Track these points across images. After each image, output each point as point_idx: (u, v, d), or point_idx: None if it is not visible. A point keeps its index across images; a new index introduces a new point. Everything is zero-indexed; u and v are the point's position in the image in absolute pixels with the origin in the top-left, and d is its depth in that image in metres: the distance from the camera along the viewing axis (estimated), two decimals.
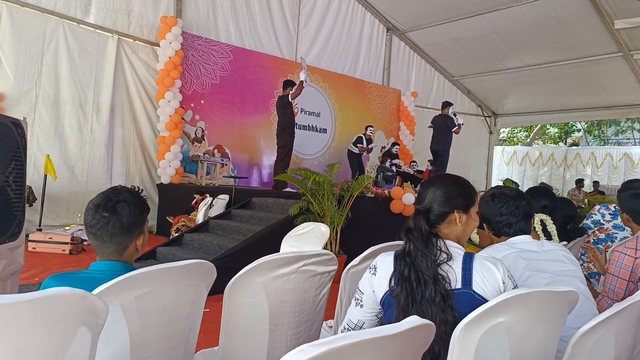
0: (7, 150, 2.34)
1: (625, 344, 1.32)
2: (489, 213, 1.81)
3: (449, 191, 1.41)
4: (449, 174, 1.54)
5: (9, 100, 6.77)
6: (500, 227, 1.78)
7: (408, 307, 1.27)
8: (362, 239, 5.50)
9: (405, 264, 1.31)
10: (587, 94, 12.31)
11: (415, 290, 1.27)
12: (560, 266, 1.68)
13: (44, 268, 5.05)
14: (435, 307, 1.24)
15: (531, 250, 1.70)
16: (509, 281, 1.30)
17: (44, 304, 0.83)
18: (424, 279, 1.27)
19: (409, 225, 1.36)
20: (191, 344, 1.42)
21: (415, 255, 1.30)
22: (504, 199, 1.78)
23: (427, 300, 1.25)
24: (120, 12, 7.90)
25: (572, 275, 1.67)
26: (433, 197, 1.41)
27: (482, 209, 1.82)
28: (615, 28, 9.41)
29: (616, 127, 22.74)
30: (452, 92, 13.93)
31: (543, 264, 1.67)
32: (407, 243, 1.34)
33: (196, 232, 5.76)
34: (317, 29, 10.99)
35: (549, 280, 1.60)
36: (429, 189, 1.43)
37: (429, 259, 1.28)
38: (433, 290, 1.25)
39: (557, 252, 1.73)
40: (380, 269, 1.39)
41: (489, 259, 1.33)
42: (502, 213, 1.77)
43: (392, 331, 0.75)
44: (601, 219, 3.38)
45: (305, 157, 10.61)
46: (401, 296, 1.28)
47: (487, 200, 1.83)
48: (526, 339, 1.17)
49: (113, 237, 1.35)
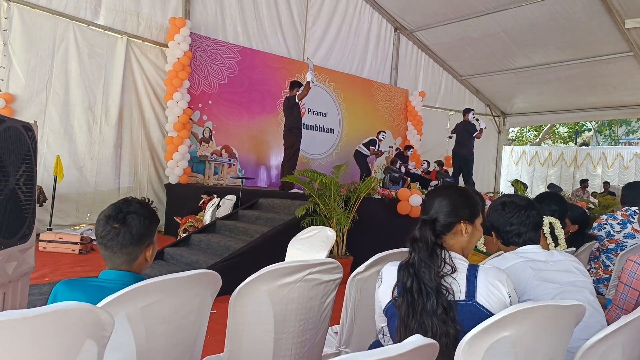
0: (18, 153, 2.36)
1: (633, 356, 1.31)
2: (498, 222, 1.78)
3: (455, 201, 1.42)
4: (454, 184, 1.56)
5: (20, 102, 6.84)
6: (510, 237, 1.76)
7: (408, 318, 1.27)
8: (369, 240, 5.50)
9: (408, 275, 1.31)
10: (597, 93, 12.20)
11: (416, 301, 1.27)
12: (569, 277, 1.66)
13: (54, 268, 5.10)
14: (437, 319, 1.24)
15: (540, 260, 1.68)
16: (514, 294, 1.30)
17: (49, 319, 0.84)
18: (426, 290, 1.27)
19: (414, 235, 1.36)
20: (197, 352, 1.43)
21: (419, 266, 1.30)
22: (514, 209, 1.75)
23: (428, 312, 1.25)
24: (129, 14, 7.95)
25: (582, 286, 1.65)
26: (439, 208, 1.41)
27: (492, 217, 1.80)
28: (626, 27, 9.30)
29: (627, 127, 22.50)
30: (461, 92, 13.87)
31: (552, 274, 1.64)
32: (412, 253, 1.34)
33: (203, 232, 5.79)
34: (324, 29, 10.98)
35: (557, 291, 1.58)
36: (435, 199, 1.44)
37: (432, 271, 1.29)
38: (435, 302, 1.25)
39: (567, 263, 1.71)
40: (385, 279, 1.41)
41: (494, 271, 1.33)
42: (512, 222, 1.74)
43: (395, 352, 0.75)
44: (611, 230, 3.35)
45: (313, 157, 10.62)
46: (402, 307, 1.29)
47: (497, 209, 1.80)
48: (532, 352, 1.16)
49: (123, 248, 1.37)
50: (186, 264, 4.99)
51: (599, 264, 3.34)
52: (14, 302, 2.44)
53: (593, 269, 3.34)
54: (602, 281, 3.27)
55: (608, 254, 3.31)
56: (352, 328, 1.88)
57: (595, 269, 3.34)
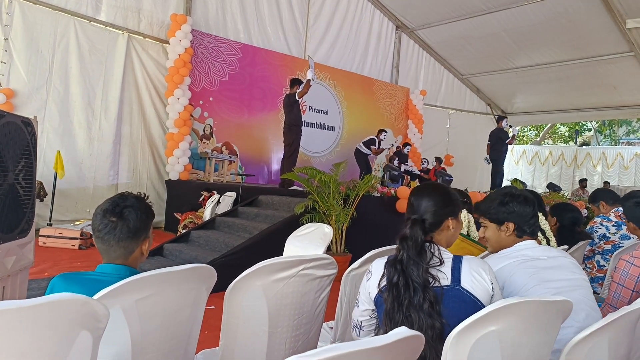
0: (17, 148, 2.39)
1: (619, 353, 1.33)
2: (524, 213, 1.75)
3: (442, 200, 1.51)
4: (436, 183, 1.62)
5: (21, 97, 6.86)
6: (534, 229, 1.77)
7: (394, 311, 1.33)
8: (368, 238, 5.52)
9: (395, 271, 1.37)
10: (597, 93, 12.20)
11: (402, 295, 1.33)
12: (567, 274, 1.66)
13: (54, 263, 5.13)
14: (423, 313, 1.30)
15: (537, 258, 1.68)
16: (495, 282, 1.38)
17: (45, 310, 0.86)
18: (414, 286, 1.33)
19: (405, 233, 1.42)
20: (192, 345, 1.46)
21: (407, 263, 1.36)
22: (531, 202, 1.77)
23: (414, 306, 1.31)
24: (130, 10, 7.96)
25: (579, 285, 1.66)
26: (427, 207, 1.49)
27: (516, 207, 1.75)
28: (627, 27, 9.30)
29: (627, 127, 22.48)
30: (461, 91, 13.88)
31: (549, 272, 1.64)
32: (400, 250, 1.40)
33: (203, 229, 5.82)
34: (325, 27, 10.98)
35: (556, 291, 1.58)
36: (422, 199, 1.51)
37: (420, 267, 1.35)
38: (422, 296, 1.31)
39: (563, 260, 1.71)
40: (374, 272, 1.47)
41: (477, 261, 1.42)
42: (534, 214, 1.76)
43: (379, 343, 0.77)
44: (607, 232, 3.36)
45: (314, 155, 10.63)
46: (388, 301, 1.35)
47: (520, 201, 1.76)
48: (518, 347, 1.18)
49: (120, 242, 1.39)
50: (185, 260, 5.01)
51: (593, 264, 3.36)
52: (12, 296, 2.46)
53: (587, 269, 3.37)
54: (597, 280, 3.29)
55: (604, 255, 3.33)
56: (347, 323, 1.91)
57: (589, 269, 3.36)
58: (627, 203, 2.75)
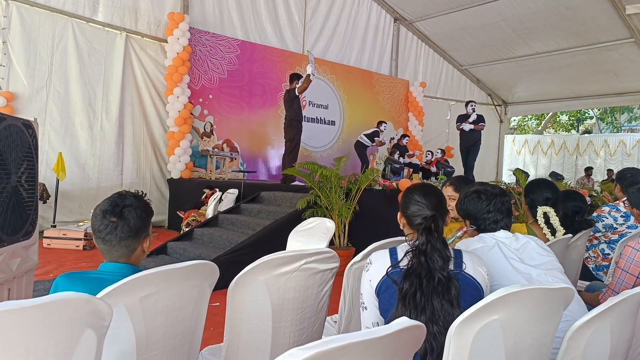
0: (19, 151, 2.39)
1: (622, 337, 1.33)
2: (475, 210, 1.84)
3: (442, 197, 1.62)
4: (425, 182, 1.72)
5: (21, 100, 6.87)
6: (488, 224, 1.82)
7: (414, 297, 1.34)
8: (371, 231, 5.52)
9: (418, 262, 1.39)
10: (598, 80, 12.13)
11: (424, 284, 1.36)
12: (539, 259, 1.73)
13: (59, 264, 5.15)
14: (446, 302, 1.34)
15: (508, 246, 1.74)
16: (489, 275, 1.50)
17: (49, 309, 0.87)
18: (438, 277, 1.36)
19: (429, 226, 1.44)
20: (196, 342, 1.47)
21: (432, 254, 1.39)
22: (490, 197, 1.82)
23: (437, 294, 1.34)
24: (127, 10, 7.95)
25: (551, 267, 1.72)
26: (437, 203, 1.56)
27: (468, 205, 1.87)
28: (627, 13, 9.23)
29: (629, 114, 22.37)
30: (462, 82, 13.83)
31: (520, 264, 1.71)
32: (425, 243, 1.41)
33: (206, 226, 5.83)
34: (323, 21, 10.94)
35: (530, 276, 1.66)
36: (431, 197, 1.57)
37: (444, 259, 1.39)
38: (446, 287, 1.35)
39: (532, 244, 1.77)
40: (375, 262, 1.49)
41: (473, 254, 1.53)
42: (489, 210, 1.80)
43: (381, 333, 0.78)
44: (614, 222, 3.32)
45: (314, 150, 10.63)
46: (410, 290, 1.36)
47: (472, 198, 1.86)
48: (521, 335, 1.18)
49: (122, 241, 1.40)
50: (190, 258, 5.02)
51: (597, 252, 3.35)
52: (18, 298, 2.48)
53: (592, 257, 3.35)
54: (602, 268, 3.29)
55: (610, 245, 3.30)
56: (350, 316, 1.91)
57: (594, 257, 3.35)
58: (631, 189, 2.70)
